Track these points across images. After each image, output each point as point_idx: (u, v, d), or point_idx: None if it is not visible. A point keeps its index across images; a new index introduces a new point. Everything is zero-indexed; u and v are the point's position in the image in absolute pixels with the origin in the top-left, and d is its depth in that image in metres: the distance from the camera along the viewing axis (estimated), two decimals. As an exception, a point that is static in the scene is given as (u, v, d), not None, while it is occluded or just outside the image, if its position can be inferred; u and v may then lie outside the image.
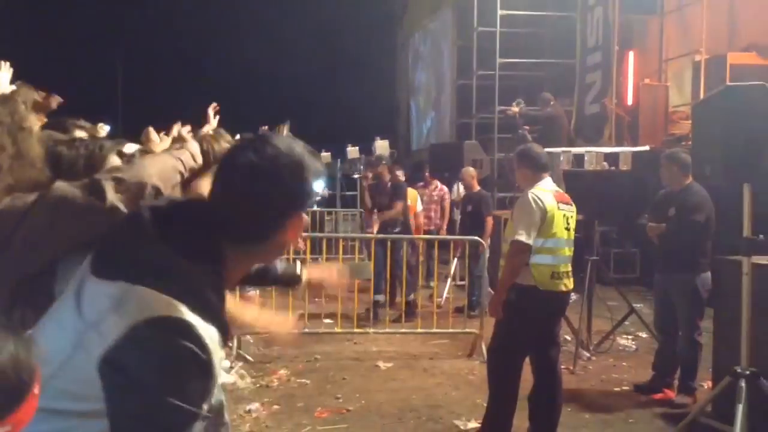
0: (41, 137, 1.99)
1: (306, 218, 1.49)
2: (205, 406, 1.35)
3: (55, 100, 3.57)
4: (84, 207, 1.73)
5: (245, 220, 1.41)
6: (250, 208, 1.41)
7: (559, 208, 4.38)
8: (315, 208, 13.84)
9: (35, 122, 1.95)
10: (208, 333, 1.32)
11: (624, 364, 6.57)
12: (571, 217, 4.49)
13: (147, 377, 1.25)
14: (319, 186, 1.47)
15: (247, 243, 1.45)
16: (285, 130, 6.19)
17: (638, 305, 7.48)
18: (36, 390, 1.05)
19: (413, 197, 9.18)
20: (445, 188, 10.38)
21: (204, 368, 1.30)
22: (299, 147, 1.46)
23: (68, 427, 1.30)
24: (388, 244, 7.91)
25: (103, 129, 5.90)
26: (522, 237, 4.24)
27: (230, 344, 6.50)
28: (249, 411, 5.16)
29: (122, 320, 1.27)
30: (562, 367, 6.12)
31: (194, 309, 1.30)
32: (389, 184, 8.71)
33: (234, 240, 1.42)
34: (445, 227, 10.16)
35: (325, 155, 21.10)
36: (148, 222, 1.38)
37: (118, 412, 1.26)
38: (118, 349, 1.26)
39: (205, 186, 1.98)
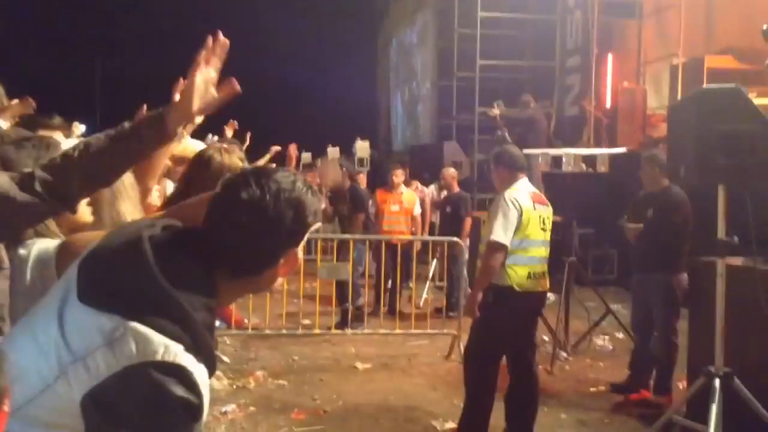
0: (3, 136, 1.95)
1: (299, 255, 1.49)
2: None
3: (29, 105, 3.52)
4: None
5: (243, 254, 1.40)
6: (250, 243, 1.40)
7: (534, 208, 4.39)
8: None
9: None
10: (201, 375, 1.31)
11: (601, 364, 6.60)
12: (548, 217, 4.50)
13: (135, 422, 1.23)
14: (316, 224, 1.48)
15: (241, 276, 1.44)
16: (230, 133, 6.11)
17: (616, 306, 7.53)
18: (6, 407, 1.02)
19: (411, 200, 8.90)
20: (425, 189, 10.38)
21: (194, 414, 1.29)
22: (300, 183, 1.46)
23: None
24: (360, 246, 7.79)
25: (78, 128, 5.84)
26: (498, 237, 4.25)
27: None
28: (225, 412, 5.11)
29: (115, 360, 1.24)
30: (540, 367, 6.14)
31: (189, 349, 1.29)
32: (348, 191, 8.40)
33: (228, 273, 1.41)
34: (427, 228, 10.11)
35: (306, 155, 21.08)
36: (147, 252, 1.33)
37: None
38: (107, 390, 1.23)
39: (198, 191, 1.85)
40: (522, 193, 4.40)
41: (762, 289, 3.94)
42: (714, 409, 3.88)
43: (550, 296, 8.33)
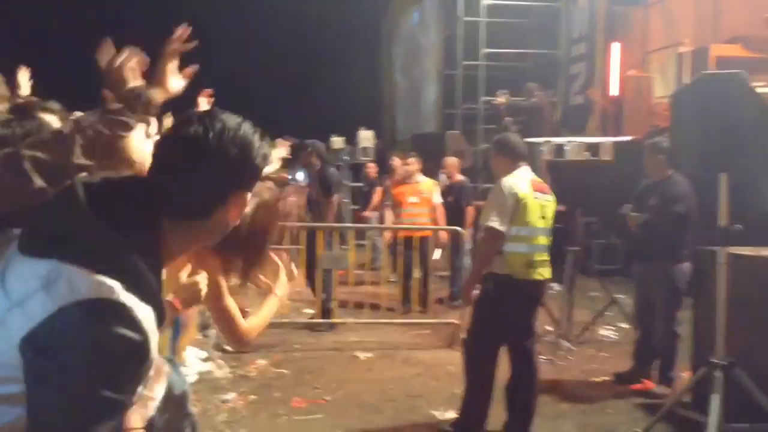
0: None
1: (292, 205, 1.47)
2: (141, 389, 1.31)
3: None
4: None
5: (185, 194, 1.37)
6: (191, 182, 1.36)
7: (534, 196, 4.33)
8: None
9: None
10: (144, 314, 1.27)
11: (604, 354, 6.57)
12: (548, 206, 4.45)
13: (72, 363, 1.19)
14: (266, 168, 1.44)
15: (187, 219, 1.40)
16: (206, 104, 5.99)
17: (620, 296, 7.49)
18: None
19: (430, 189, 8.43)
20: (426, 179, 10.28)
21: (138, 352, 1.25)
22: (247, 126, 1.42)
23: None
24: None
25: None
26: (494, 224, 4.21)
27: (207, 334, 6.45)
28: (225, 401, 5.11)
29: (51, 301, 1.21)
30: (543, 357, 6.14)
31: (129, 288, 1.25)
32: (318, 174, 7.78)
33: (172, 215, 1.37)
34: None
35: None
36: (80, 197, 1.31)
37: (36, 397, 1.20)
38: (42, 331, 1.20)
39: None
40: (521, 180, 4.35)
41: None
42: (715, 399, 3.85)
43: (554, 286, 8.33)
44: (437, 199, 8.35)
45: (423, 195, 8.28)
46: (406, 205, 8.34)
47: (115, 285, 1.24)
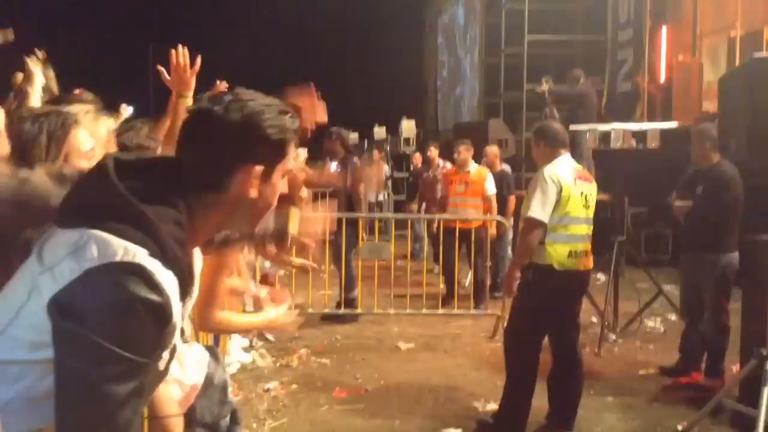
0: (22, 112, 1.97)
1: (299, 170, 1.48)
2: (165, 354, 1.35)
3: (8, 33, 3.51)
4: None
5: (196, 164, 1.40)
6: (200, 152, 1.40)
7: (576, 184, 4.26)
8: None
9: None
10: (166, 278, 1.30)
11: (651, 346, 6.44)
12: (591, 194, 4.36)
13: (94, 324, 1.22)
14: (287, 143, 1.45)
15: (206, 192, 1.42)
16: None
17: (669, 287, 7.31)
18: None
19: (481, 178, 8.09)
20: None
21: (159, 314, 1.28)
22: (265, 99, 1.44)
23: (24, 377, 1.29)
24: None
25: (126, 110, 5.89)
26: (535, 214, 4.15)
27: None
28: (267, 389, 5.17)
29: (77, 264, 1.25)
30: (587, 349, 6.05)
31: (153, 254, 1.29)
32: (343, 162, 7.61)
33: (192, 188, 1.40)
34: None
35: (353, 135, 21.09)
36: (109, 171, 1.35)
37: (60, 357, 1.24)
38: (68, 293, 1.24)
39: None
40: (563, 168, 4.28)
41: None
42: (765, 392, 3.74)
43: (600, 276, 8.19)
44: (490, 189, 8.01)
45: (470, 186, 8.04)
46: (453, 195, 8.18)
47: (139, 250, 1.27)
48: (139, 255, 1.27)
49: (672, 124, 8.10)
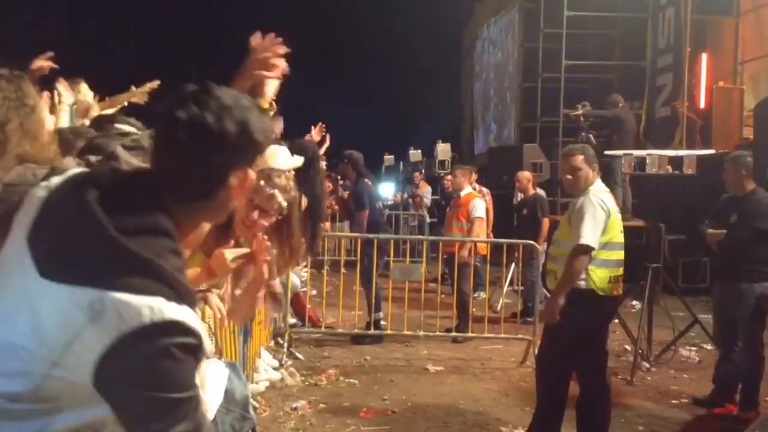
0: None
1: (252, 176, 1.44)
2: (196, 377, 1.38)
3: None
4: None
5: (189, 176, 1.38)
6: (194, 162, 1.37)
7: (617, 210, 4.34)
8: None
9: (39, 101, 1.99)
10: (189, 315, 1.32)
11: (685, 376, 6.32)
12: (621, 220, 4.40)
13: (146, 385, 1.27)
14: (266, 142, 1.44)
15: (193, 201, 1.41)
16: (317, 136, 5.97)
17: (705, 316, 7.17)
18: None
19: (469, 199, 8.06)
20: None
21: (196, 351, 1.32)
22: (245, 101, 1.42)
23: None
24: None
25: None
26: (587, 240, 4.15)
27: (280, 341, 6.58)
28: (295, 408, 5.19)
29: (105, 333, 1.25)
30: (620, 377, 5.96)
31: (169, 298, 1.29)
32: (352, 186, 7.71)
33: (180, 198, 1.39)
34: (489, 231, 9.37)
35: (389, 158, 21.22)
36: (97, 213, 1.30)
37: (127, 422, 1.30)
38: (108, 363, 1.25)
39: None
40: (606, 194, 4.34)
41: None
42: (799, 426, 3.64)
43: (635, 304, 8.06)
44: (475, 212, 7.89)
45: (458, 208, 8.06)
46: (447, 219, 8.34)
47: (158, 302, 1.27)
48: (164, 309, 1.27)
49: (709, 151, 7.98)
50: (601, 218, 4.19)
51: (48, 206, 1.36)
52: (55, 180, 1.41)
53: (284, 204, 2.68)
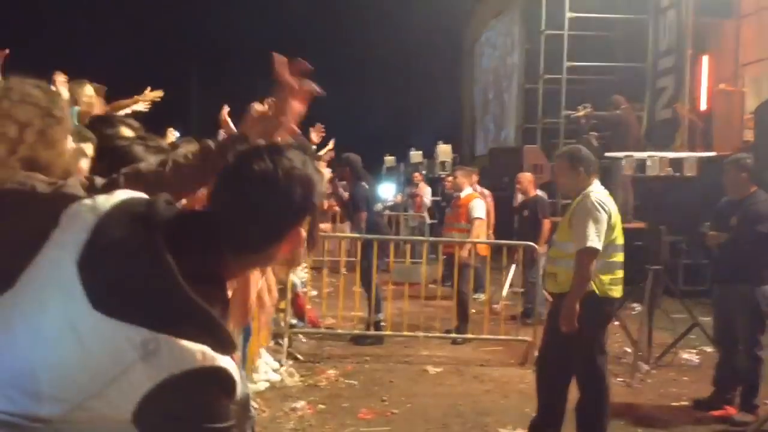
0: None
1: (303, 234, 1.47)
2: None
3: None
4: None
5: (251, 231, 1.39)
6: (260, 219, 1.38)
7: (617, 211, 4.33)
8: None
9: (67, 116, 2.00)
10: (231, 365, 1.34)
11: (685, 378, 6.32)
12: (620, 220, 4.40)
13: (193, 425, 1.30)
14: (319, 202, 1.47)
15: (247, 253, 1.43)
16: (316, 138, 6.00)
17: (706, 318, 7.16)
18: None
19: (469, 200, 7.99)
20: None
21: (231, 398, 1.35)
22: (312, 164, 1.45)
23: None
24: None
25: (173, 134, 6.04)
26: (593, 243, 4.14)
27: (280, 342, 6.58)
28: (294, 409, 5.18)
29: (156, 371, 1.26)
30: (620, 379, 5.96)
31: (215, 347, 1.31)
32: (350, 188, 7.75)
33: (235, 249, 1.40)
34: (490, 232, 9.23)
35: (390, 159, 21.25)
36: (164, 256, 1.30)
37: None
38: (156, 400, 1.26)
39: None
40: (606, 196, 4.32)
41: None
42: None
43: (635, 306, 8.04)
44: (475, 213, 7.81)
45: (458, 209, 8.01)
46: (447, 220, 8.36)
47: (206, 350, 1.29)
48: (209, 355, 1.29)
49: (709, 154, 7.98)
50: (602, 220, 4.18)
51: (103, 234, 1.34)
52: (101, 201, 1.40)
53: None
